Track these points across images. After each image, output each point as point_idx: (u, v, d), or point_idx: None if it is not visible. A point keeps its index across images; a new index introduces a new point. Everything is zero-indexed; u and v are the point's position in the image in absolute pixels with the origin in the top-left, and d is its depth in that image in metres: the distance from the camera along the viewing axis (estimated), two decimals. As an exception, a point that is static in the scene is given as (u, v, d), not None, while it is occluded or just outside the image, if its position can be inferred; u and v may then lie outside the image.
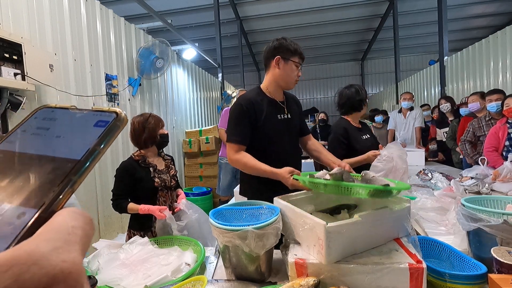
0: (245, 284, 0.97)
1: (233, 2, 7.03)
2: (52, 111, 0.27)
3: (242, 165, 1.41)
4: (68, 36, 2.56)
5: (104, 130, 0.24)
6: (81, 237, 0.18)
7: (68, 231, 0.18)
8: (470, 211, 0.92)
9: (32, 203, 0.20)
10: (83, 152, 0.23)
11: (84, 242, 0.18)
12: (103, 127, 0.25)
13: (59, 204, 0.20)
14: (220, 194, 3.79)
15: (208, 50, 6.90)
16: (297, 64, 1.46)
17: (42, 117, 0.26)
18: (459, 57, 5.18)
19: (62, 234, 0.17)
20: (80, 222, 0.19)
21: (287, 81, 1.47)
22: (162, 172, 1.71)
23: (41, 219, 0.19)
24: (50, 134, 0.25)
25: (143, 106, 3.64)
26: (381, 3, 7.52)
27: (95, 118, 0.25)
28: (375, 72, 12.30)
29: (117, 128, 0.25)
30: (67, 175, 0.22)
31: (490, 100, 2.80)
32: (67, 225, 0.18)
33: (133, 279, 1.04)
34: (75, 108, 0.27)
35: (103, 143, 0.24)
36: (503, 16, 8.35)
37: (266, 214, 1.09)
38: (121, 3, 6.29)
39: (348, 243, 0.85)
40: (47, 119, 0.26)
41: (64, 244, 0.17)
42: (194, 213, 1.58)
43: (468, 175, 2.11)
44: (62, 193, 0.21)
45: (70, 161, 0.23)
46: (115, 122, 0.25)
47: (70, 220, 0.19)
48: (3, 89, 1.90)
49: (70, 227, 0.18)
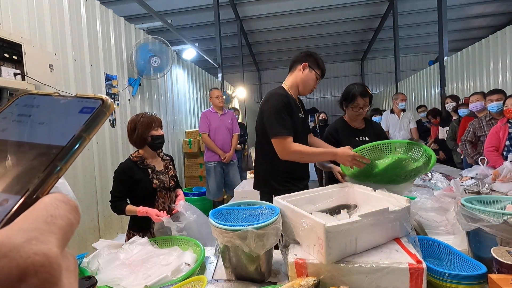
0: (245, 284, 0.97)
1: (233, 2, 7.03)
2: (34, 98, 0.25)
3: (301, 155, 1.46)
4: (68, 36, 2.56)
5: (90, 116, 0.24)
6: (61, 227, 0.17)
7: (46, 220, 0.17)
8: (470, 211, 0.92)
9: (16, 189, 0.19)
10: (68, 138, 0.22)
11: (65, 232, 0.17)
12: (89, 114, 0.24)
13: (44, 190, 0.20)
14: (211, 198, 3.78)
15: (208, 50, 6.90)
16: (318, 76, 1.60)
17: (23, 104, 0.25)
18: (459, 57, 5.18)
19: (39, 223, 0.17)
20: (62, 210, 0.18)
21: (305, 86, 1.60)
22: (161, 173, 1.69)
23: (26, 205, 0.18)
24: (32, 121, 0.24)
25: (143, 106, 3.64)
26: (381, 3, 7.52)
27: (80, 105, 0.24)
28: (375, 72, 12.31)
29: (104, 115, 0.24)
30: (52, 161, 0.21)
31: (490, 100, 2.80)
32: (46, 214, 0.17)
33: (133, 279, 1.04)
34: (58, 95, 0.26)
35: (89, 129, 0.23)
36: (503, 16, 8.36)
37: (266, 214, 1.09)
38: (121, 3, 6.29)
39: (348, 243, 0.86)
40: (29, 106, 0.25)
41: (39, 234, 0.16)
42: (192, 215, 1.56)
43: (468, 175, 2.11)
44: (47, 179, 0.20)
45: (54, 147, 0.22)
46: (101, 109, 0.24)
47: (51, 208, 0.18)
48: (3, 89, 1.90)
49: (49, 215, 0.17)
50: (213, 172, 3.69)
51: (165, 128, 4.24)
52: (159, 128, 1.68)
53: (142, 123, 1.62)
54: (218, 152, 3.63)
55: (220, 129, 3.69)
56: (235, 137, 3.79)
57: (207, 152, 3.74)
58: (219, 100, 3.72)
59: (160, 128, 1.68)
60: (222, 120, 3.72)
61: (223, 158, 3.64)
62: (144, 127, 1.62)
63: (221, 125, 3.70)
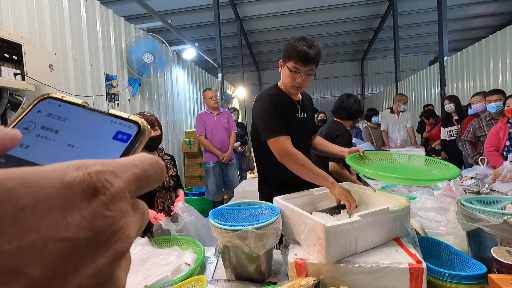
0: (245, 284, 0.97)
1: (233, 2, 7.03)
2: (59, 105, 0.22)
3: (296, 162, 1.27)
4: (68, 36, 2.56)
5: (126, 147, 0.20)
6: (137, 175, 0.17)
7: (124, 163, 0.17)
8: (470, 211, 0.92)
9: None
10: None
11: (140, 181, 0.17)
12: (125, 142, 0.20)
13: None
14: (210, 198, 3.79)
15: (208, 50, 6.90)
16: (292, 68, 1.31)
17: (47, 113, 0.21)
18: (459, 57, 5.18)
19: (112, 163, 0.16)
20: (145, 164, 0.17)
21: (285, 85, 1.40)
22: None
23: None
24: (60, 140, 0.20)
25: (143, 106, 3.64)
26: (381, 3, 7.52)
27: (114, 128, 0.21)
28: (375, 72, 12.30)
29: (140, 144, 0.21)
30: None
31: (489, 101, 2.80)
32: (126, 160, 0.17)
33: (133, 279, 1.04)
34: (87, 107, 0.22)
35: None
36: (503, 16, 8.35)
37: (266, 214, 1.09)
38: (121, 3, 6.29)
39: (348, 243, 0.86)
40: (55, 117, 0.21)
41: (105, 168, 0.16)
42: (190, 216, 1.55)
43: (468, 175, 2.11)
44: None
45: None
46: (137, 137, 0.21)
47: (135, 158, 0.18)
48: (3, 89, 1.90)
49: (128, 162, 0.17)
50: (212, 173, 3.69)
51: (165, 128, 4.24)
52: (152, 130, 1.63)
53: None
54: (216, 152, 3.64)
55: (216, 129, 3.69)
56: (232, 136, 3.79)
57: (205, 153, 3.75)
58: (214, 101, 3.71)
59: (152, 130, 1.62)
60: (218, 120, 3.72)
61: (221, 158, 3.64)
62: None
63: (218, 125, 3.70)
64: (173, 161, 1.81)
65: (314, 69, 1.33)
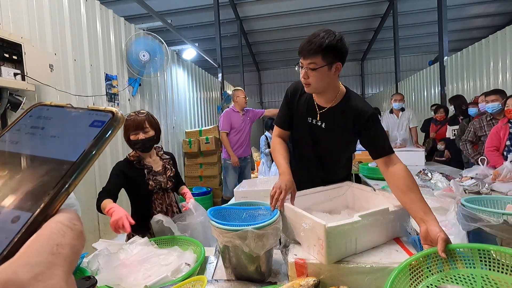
0: (245, 284, 0.97)
1: (233, 2, 7.03)
2: (47, 109, 0.26)
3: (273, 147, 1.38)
4: (68, 36, 2.56)
5: (100, 131, 0.24)
6: (67, 257, 0.17)
7: (52, 251, 0.17)
8: (470, 211, 0.92)
9: (27, 206, 0.19)
10: (78, 154, 0.22)
11: (71, 261, 0.18)
12: (99, 127, 0.24)
13: (54, 207, 0.20)
14: (229, 195, 3.78)
15: (208, 50, 6.90)
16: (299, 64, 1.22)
17: (36, 116, 0.25)
18: (459, 57, 5.18)
19: (45, 255, 0.16)
20: (68, 238, 0.18)
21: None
22: (158, 174, 1.61)
23: (36, 222, 0.19)
24: (45, 134, 0.24)
25: (143, 106, 3.64)
26: (381, 3, 7.52)
27: (91, 118, 0.25)
28: (375, 72, 12.30)
29: (114, 128, 0.24)
30: (63, 177, 0.21)
31: (486, 101, 2.82)
32: (52, 243, 0.17)
33: (133, 279, 1.04)
34: (70, 107, 0.26)
35: (99, 144, 0.23)
36: (503, 16, 8.35)
37: (265, 214, 1.09)
38: (121, 3, 6.29)
39: (348, 243, 0.85)
40: (42, 118, 0.25)
41: (45, 269, 0.16)
42: (200, 216, 1.52)
43: (468, 175, 2.11)
44: (57, 196, 0.20)
45: (65, 162, 0.22)
46: (111, 122, 0.24)
47: (57, 236, 0.18)
48: (3, 89, 1.90)
49: (54, 245, 0.17)
50: (231, 170, 3.70)
51: (165, 128, 4.24)
52: (141, 132, 1.51)
53: (124, 126, 1.52)
54: (231, 154, 3.65)
55: (244, 130, 3.75)
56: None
57: (225, 149, 3.75)
58: (245, 101, 3.73)
59: (141, 131, 1.51)
60: (243, 120, 3.76)
61: (234, 163, 3.67)
62: (124, 131, 1.54)
63: (245, 126, 3.76)
64: (172, 160, 1.73)
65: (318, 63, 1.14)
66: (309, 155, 1.43)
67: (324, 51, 1.12)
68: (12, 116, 2.04)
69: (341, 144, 1.37)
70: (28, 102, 2.11)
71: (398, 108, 4.37)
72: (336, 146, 1.37)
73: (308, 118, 1.33)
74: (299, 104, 1.34)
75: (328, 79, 1.18)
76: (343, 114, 1.26)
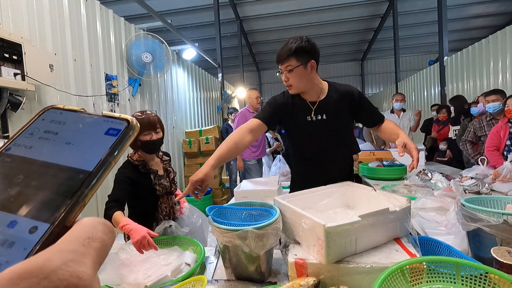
0: (245, 284, 0.97)
1: (233, 2, 7.03)
2: (60, 113, 0.25)
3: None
4: (68, 36, 2.56)
5: (116, 140, 0.23)
6: (97, 249, 0.18)
7: (84, 242, 0.18)
8: (470, 211, 0.92)
9: (44, 216, 0.19)
10: (95, 163, 0.22)
11: (100, 254, 0.19)
12: (115, 136, 0.24)
13: (71, 219, 0.20)
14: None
15: (208, 50, 6.90)
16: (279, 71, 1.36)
17: (50, 119, 0.25)
18: (459, 57, 5.18)
19: (76, 245, 0.17)
20: (99, 233, 0.19)
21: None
22: (162, 177, 1.57)
23: (53, 234, 0.19)
24: (59, 140, 0.23)
25: (143, 106, 3.64)
26: (381, 3, 7.52)
27: (106, 125, 0.24)
28: (375, 72, 12.31)
29: (129, 137, 0.24)
30: (80, 187, 0.21)
31: (487, 101, 2.81)
32: (84, 235, 0.18)
33: (133, 279, 1.04)
34: (84, 112, 0.25)
35: (115, 153, 0.23)
36: (503, 16, 8.36)
37: (265, 214, 1.09)
38: (121, 3, 6.29)
39: (348, 243, 0.85)
40: (56, 122, 0.24)
41: (75, 256, 0.17)
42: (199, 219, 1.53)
43: (468, 175, 2.11)
44: (74, 207, 0.20)
45: (81, 172, 0.22)
46: (126, 131, 0.24)
47: (89, 230, 0.19)
48: (3, 89, 1.90)
49: (86, 237, 0.18)
50: (254, 170, 3.69)
51: (165, 128, 4.23)
52: (153, 132, 1.46)
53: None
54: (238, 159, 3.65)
55: None
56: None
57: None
58: (258, 101, 3.69)
59: (154, 132, 1.47)
60: None
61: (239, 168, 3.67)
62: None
63: None
64: (170, 161, 1.71)
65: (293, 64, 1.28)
66: (309, 155, 1.45)
67: (296, 53, 1.27)
68: (12, 116, 2.04)
69: (341, 132, 1.45)
70: (28, 102, 2.11)
71: (399, 108, 4.37)
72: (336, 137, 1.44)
73: (307, 117, 1.39)
74: (293, 107, 1.40)
75: (307, 76, 1.32)
76: (336, 100, 1.39)
